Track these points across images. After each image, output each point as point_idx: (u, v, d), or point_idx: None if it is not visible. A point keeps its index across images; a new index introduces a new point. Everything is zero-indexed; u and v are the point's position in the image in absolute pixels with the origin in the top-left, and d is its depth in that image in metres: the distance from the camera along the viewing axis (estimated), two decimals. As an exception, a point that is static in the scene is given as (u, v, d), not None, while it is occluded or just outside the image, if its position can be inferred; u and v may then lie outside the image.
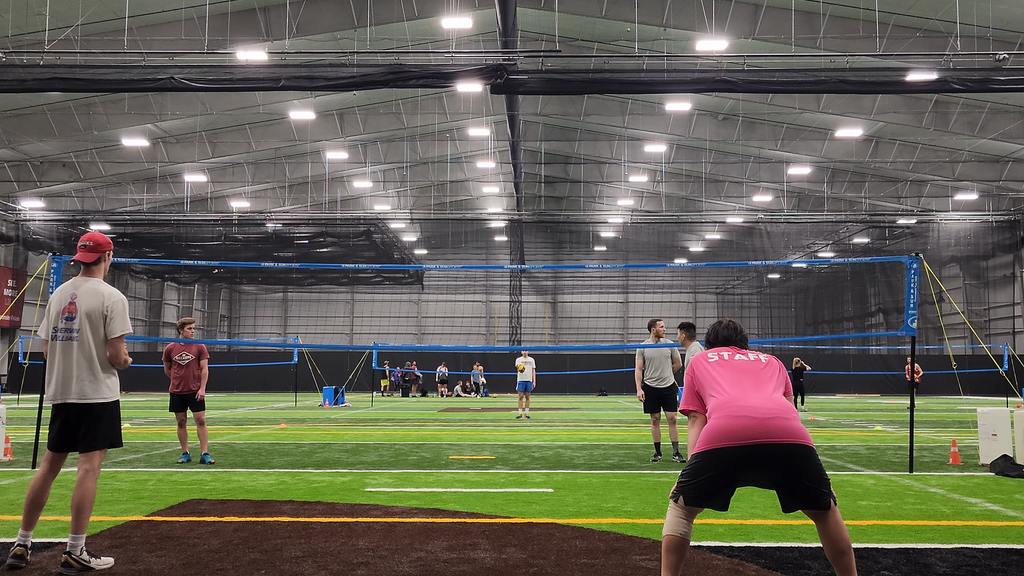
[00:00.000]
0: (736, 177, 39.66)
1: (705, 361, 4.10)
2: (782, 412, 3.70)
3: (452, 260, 51.67)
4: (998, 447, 9.70)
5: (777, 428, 3.63)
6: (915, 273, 9.28)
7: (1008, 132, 30.67)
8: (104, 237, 5.11)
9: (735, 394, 3.81)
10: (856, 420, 19.22)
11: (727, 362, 4.06)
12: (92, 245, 5.01)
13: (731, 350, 4.20)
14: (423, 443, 12.50)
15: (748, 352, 4.18)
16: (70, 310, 4.82)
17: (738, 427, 3.65)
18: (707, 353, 4.18)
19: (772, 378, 3.95)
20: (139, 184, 39.14)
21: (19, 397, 28.81)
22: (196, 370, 10.08)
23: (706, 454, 3.70)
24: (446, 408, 24.83)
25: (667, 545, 3.77)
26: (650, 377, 10.29)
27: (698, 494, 3.73)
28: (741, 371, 3.97)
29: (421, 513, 6.40)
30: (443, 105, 33.94)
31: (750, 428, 3.64)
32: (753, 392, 3.81)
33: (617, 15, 25.91)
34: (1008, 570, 4.70)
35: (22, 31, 24.32)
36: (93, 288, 4.89)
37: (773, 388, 3.88)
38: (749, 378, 3.92)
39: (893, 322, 45.48)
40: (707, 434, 3.74)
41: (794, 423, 3.67)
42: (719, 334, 4.38)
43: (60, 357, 4.78)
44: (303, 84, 21.64)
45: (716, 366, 4.04)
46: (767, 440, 3.61)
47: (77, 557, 4.49)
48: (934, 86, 21.29)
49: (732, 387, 3.86)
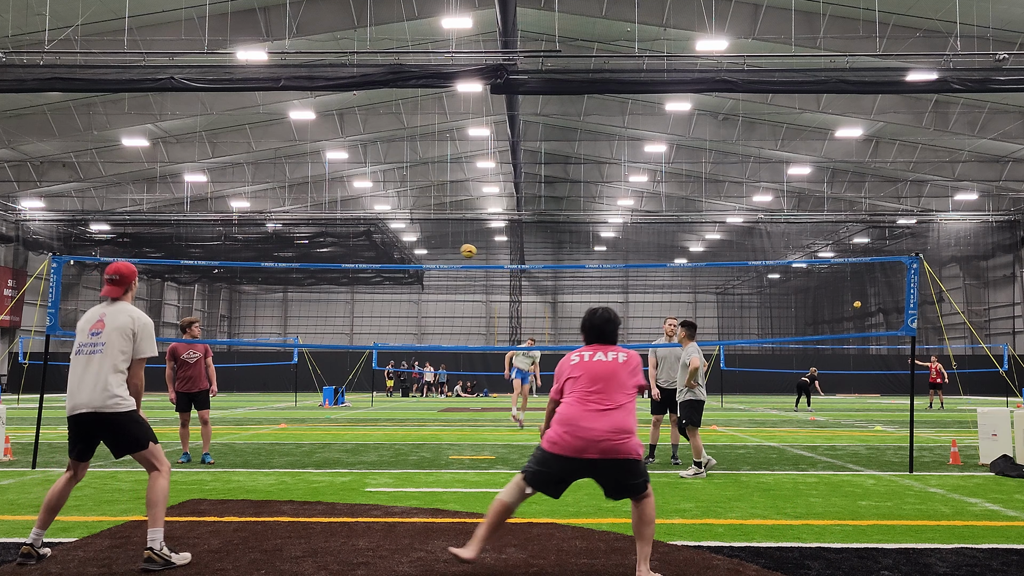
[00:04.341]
0: (736, 177, 39.66)
1: (568, 363, 4.63)
2: (613, 435, 4.32)
3: (452, 260, 51.63)
4: (998, 447, 9.70)
5: (607, 449, 4.31)
6: (915, 273, 9.28)
7: (1008, 132, 30.66)
8: (128, 267, 5.12)
9: (580, 411, 4.39)
10: (856, 420, 19.22)
11: (586, 365, 4.55)
12: (118, 279, 5.04)
13: (593, 349, 4.66)
14: (423, 443, 12.50)
15: (609, 350, 4.63)
16: (98, 326, 4.88)
17: (576, 446, 4.33)
18: (571, 355, 4.67)
19: (623, 385, 4.49)
20: (139, 184, 39.13)
21: (19, 397, 28.80)
22: (204, 368, 10.04)
23: (549, 455, 4.42)
24: (446, 408, 24.83)
25: (494, 506, 4.48)
26: (659, 378, 10.11)
27: (536, 480, 4.46)
28: (595, 378, 4.48)
29: (421, 513, 6.40)
30: (443, 105, 33.93)
31: (585, 448, 4.32)
32: (595, 413, 4.37)
33: (617, 15, 25.91)
34: (1008, 570, 4.70)
35: (22, 31, 24.32)
36: (122, 308, 4.97)
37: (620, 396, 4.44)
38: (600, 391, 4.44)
39: (893, 322, 45.49)
40: (553, 439, 4.40)
41: (622, 442, 4.32)
42: (592, 326, 4.77)
43: (82, 369, 4.81)
44: (303, 84, 21.64)
45: (576, 369, 4.56)
46: (598, 457, 4.32)
47: (159, 552, 4.54)
48: (934, 86, 21.29)
49: (579, 403, 4.43)
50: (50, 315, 9.50)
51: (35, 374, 31.45)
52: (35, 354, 28.57)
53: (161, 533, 4.62)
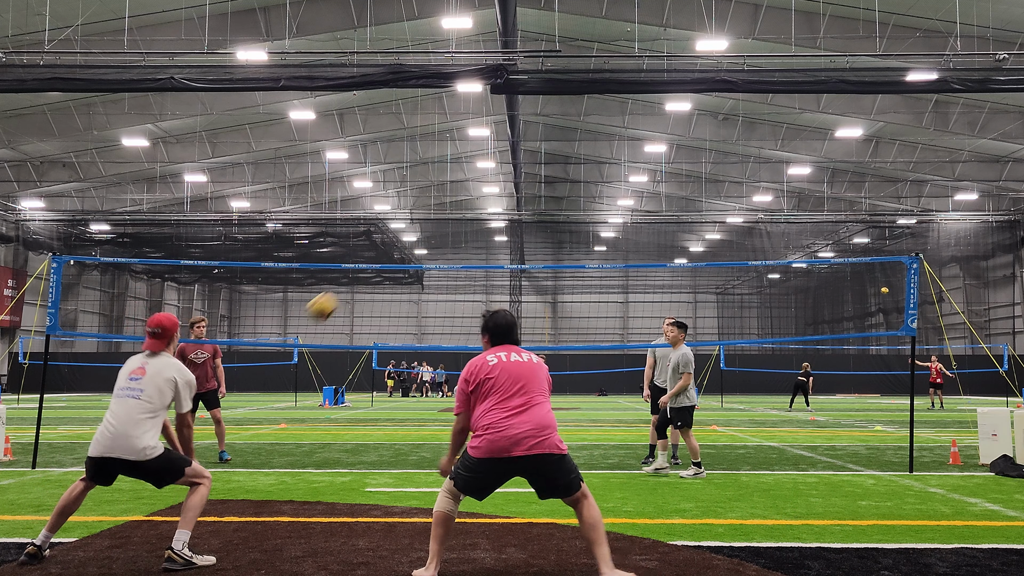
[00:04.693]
0: (736, 177, 39.66)
1: (485, 364, 4.55)
2: (538, 430, 4.36)
3: (452, 260, 51.67)
4: (998, 447, 9.70)
5: (532, 445, 4.32)
6: (915, 273, 9.28)
7: (1008, 132, 30.66)
8: (171, 320, 5.12)
9: (504, 413, 4.38)
10: (856, 420, 19.21)
11: (506, 366, 4.53)
12: (160, 332, 5.05)
13: (506, 349, 4.65)
14: (423, 443, 12.50)
15: (522, 352, 4.65)
16: (138, 373, 4.90)
17: (501, 445, 4.32)
18: (486, 356, 4.61)
19: (540, 384, 4.53)
20: (139, 184, 39.13)
21: (19, 397, 28.80)
22: (212, 369, 10.04)
23: (478, 461, 4.38)
24: (446, 408, 24.83)
25: (436, 519, 4.46)
26: (658, 378, 10.10)
27: (467, 486, 4.45)
28: (516, 378, 4.49)
29: (421, 513, 6.40)
30: (443, 105, 33.93)
31: (509, 448, 4.32)
32: (519, 411, 4.39)
33: (617, 15, 25.91)
34: (1008, 570, 4.70)
35: (22, 31, 24.32)
36: (166, 361, 5.00)
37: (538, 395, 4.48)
38: (520, 390, 4.45)
39: (893, 322, 45.49)
40: (477, 444, 4.37)
41: (545, 438, 4.35)
42: (499, 327, 4.76)
43: (118, 411, 4.78)
44: (303, 84, 21.64)
45: (495, 370, 4.51)
46: (523, 454, 4.31)
47: (179, 552, 4.54)
48: (934, 86, 21.29)
49: (502, 403, 4.42)
50: (50, 315, 9.50)
51: (35, 374, 31.45)
52: (35, 354, 28.57)
53: (187, 535, 4.62)
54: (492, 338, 4.77)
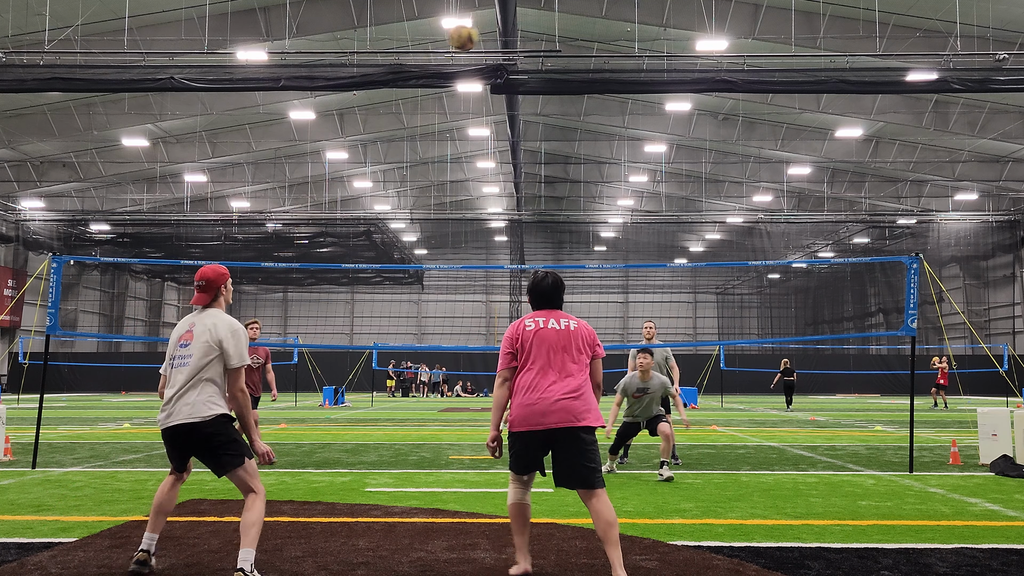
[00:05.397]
0: (736, 177, 39.66)
1: (523, 328, 4.52)
2: (568, 402, 4.32)
3: (452, 260, 51.67)
4: (998, 447, 9.70)
5: (563, 409, 4.30)
6: (915, 273, 9.28)
7: (1008, 132, 30.66)
8: (217, 271, 4.75)
9: (535, 383, 4.37)
10: (856, 420, 19.22)
11: (542, 333, 4.48)
12: (205, 284, 4.70)
13: (545, 315, 4.60)
14: (423, 443, 12.51)
15: (561, 318, 4.58)
16: (186, 338, 4.60)
17: (534, 418, 4.31)
18: (524, 320, 4.57)
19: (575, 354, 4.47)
20: (139, 184, 39.13)
21: (19, 397, 28.80)
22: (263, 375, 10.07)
23: (515, 435, 4.42)
24: (446, 408, 24.83)
25: (510, 512, 4.51)
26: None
27: (515, 465, 4.47)
28: (550, 346, 4.45)
29: (421, 513, 6.40)
30: (443, 105, 33.94)
31: (544, 413, 4.29)
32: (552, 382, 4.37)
33: (617, 15, 25.91)
34: (1008, 570, 4.70)
35: (22, 31, 24.32)
36: (214, 320, 4.63)
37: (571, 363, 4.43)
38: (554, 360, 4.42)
39: (893, 322, 45.48)
40: (515, 418, 4.38)
41: (576, 411, 4.31)
42: (538, 292, 4.70)
43: (174, 382, 4.57)
44: (303, 84, 21.62)
45: (531, 336, 4.48)
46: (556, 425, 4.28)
47: (249, 573, 4.25)
48: (934, 86, 21.27)
49: (535, 373, 4.40)
50: (50, 315, 9.50)
51: (35, 374, 31.46)
52: (35, 354, 28.59)
53: (252, 554, 4.31)
54: (533, 302, 4.72)
